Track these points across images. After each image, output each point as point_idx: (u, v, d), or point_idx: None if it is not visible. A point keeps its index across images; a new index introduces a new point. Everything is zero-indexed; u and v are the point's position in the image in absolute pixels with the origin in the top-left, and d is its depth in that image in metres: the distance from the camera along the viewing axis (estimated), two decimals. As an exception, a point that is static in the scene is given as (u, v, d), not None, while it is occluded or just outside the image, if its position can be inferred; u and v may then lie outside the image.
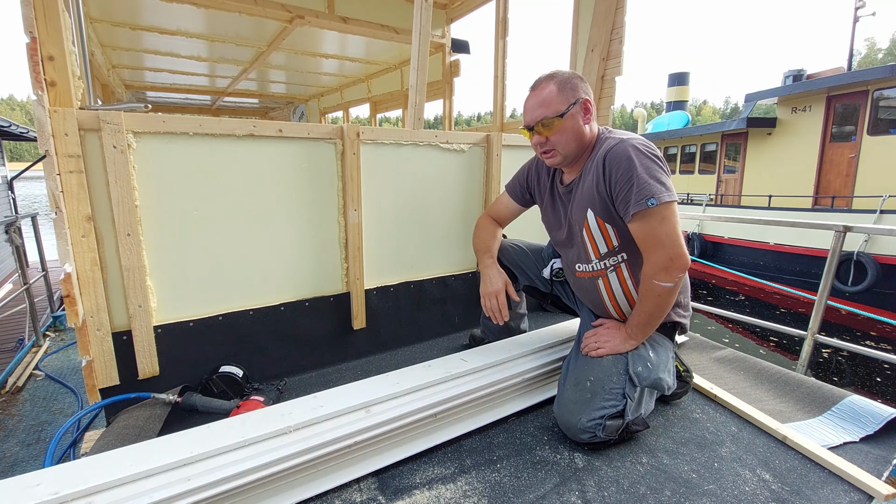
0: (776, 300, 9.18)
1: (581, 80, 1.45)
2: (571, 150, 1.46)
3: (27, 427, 2.78)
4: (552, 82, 1.43)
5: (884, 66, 8.64)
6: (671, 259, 1.30)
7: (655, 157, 1.32)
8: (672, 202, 1.29)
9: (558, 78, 1.43)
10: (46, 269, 4.79)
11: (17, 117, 52.21)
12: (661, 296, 1.35)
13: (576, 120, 1.43)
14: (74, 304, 1.42)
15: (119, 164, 1.46)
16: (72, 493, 0.98)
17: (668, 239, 1.29)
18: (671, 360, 1.52)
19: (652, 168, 1.30)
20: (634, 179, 1.29)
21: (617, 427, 1.37)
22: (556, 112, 1.41)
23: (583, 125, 1.44)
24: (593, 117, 1.47)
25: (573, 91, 1.42)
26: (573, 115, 1.42)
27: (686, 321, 1.57)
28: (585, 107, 1.43)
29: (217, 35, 3.76)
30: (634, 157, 1.31)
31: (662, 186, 1.28)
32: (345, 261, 2.03)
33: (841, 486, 1.25)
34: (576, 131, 1.44)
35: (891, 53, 41.25)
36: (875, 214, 7.59)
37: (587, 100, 1.43)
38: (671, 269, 1.31)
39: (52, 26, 1.31)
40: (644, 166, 1.30)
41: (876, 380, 6.03)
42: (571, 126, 1.43)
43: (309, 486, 1.22)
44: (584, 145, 1.47)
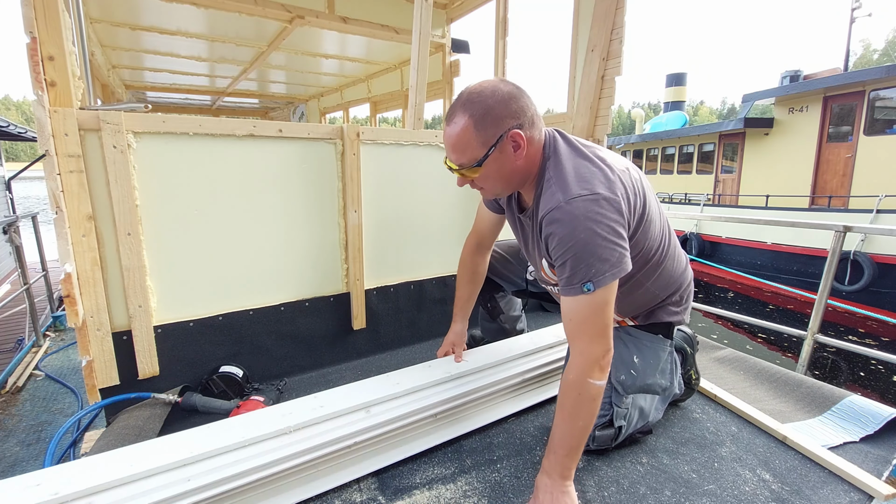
0: (767, 297, 9.22)
1: (509, 99, 1.11)
2: (505, 189, 1.25)
3: (27, 427, 2.77)
4: (466, 116, 1.11)
5: (880, 66, 8.68)
6: (606, 352, 1.09)
7: (600, 223, 1.05)
8: (611, 284, 1.07)
9: (476, 108, 1.10)
10: (46, 269, 4.78)
11: (13, 117, 52.07)
12: (595, 400, 1.10)
13: (503, 161, 1.15)
14: (74, 304, 1.42)
15: (119, 163, 1.46)
16: (72, 493, 0.98)
17: (606, 330, 1.09)
18: (666, 361, 1.43)
19: (593, 241, 1.05)
20: (569, 258, 1.07)
21: (609, 437, 1.35)
22: (472, 160, 1.14)
23: (516, 161, 1.16)
24: (529, 143, 1.16)
25: (495, 125, 1.10)
26: (499, 155, 1.13)
27: (680, 318, 1.46)
28: (515, 141, 1.13)
29: (217, 35, 3.76)
30: (573, 228, 1.05)
31: (604, 265, 1.05)
32: (345, 261, 2.03)
33: (841, 486, 1.26)
34: (506, 171, 1.17)
35: (886, 54, 41.37)
36: (871, 214, 7.62)
37: (516, 132, 1.11)
38: (603, 363, 1.09)
39: (52, 26, 1.31)
40: (583, 242, 1.05)
41: (872, 380, 6.06)
42: (497, 168, 1.16)
43: (309, 487, 1.22)
44: (524, 177, 1.22)
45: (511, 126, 1.12)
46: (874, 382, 6.01)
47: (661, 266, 1.35)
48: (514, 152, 1.14)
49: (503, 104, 1.11)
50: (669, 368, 1.45)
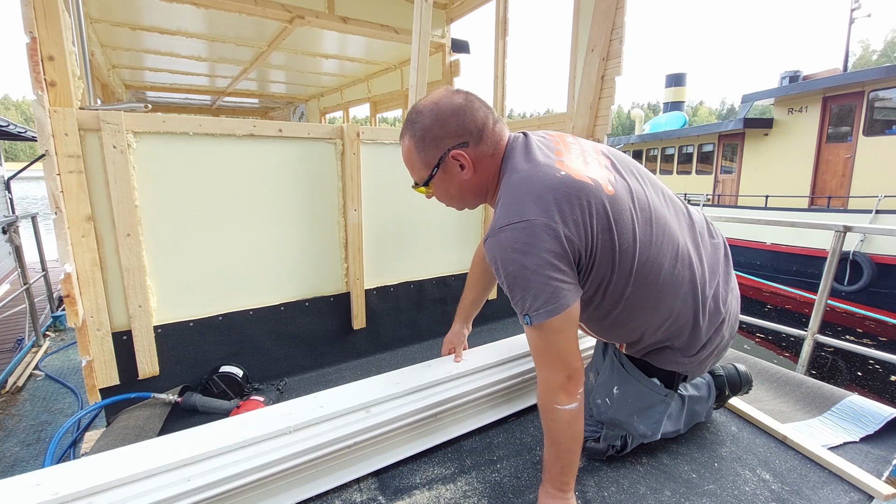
0: (766, 297, 9.24)
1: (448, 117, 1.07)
2: (463, 203, 1.23)
3: (27, 427, 2.77)
4: (408, 136, 1.12)
5: (879, 67, 8.69)
6: (569, 377, 1.02)
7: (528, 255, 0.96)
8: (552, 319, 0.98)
9: (417, 128, 1.09)
10: (46, 269, 4.77)
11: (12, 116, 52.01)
12: (570, 423, 1.04)
13: (449, 179, 1.13)
14: (74, 304, 1.42)
15: (119, 164, 1.46)
16: (72, 494, 0.98)
17: (562, 357, 1.02)
18: (653, 407, 1.27)
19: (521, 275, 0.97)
20: (506, 289, 1.02)
21: (601, 450, 1.34)
22: (420, 179, 1.16)
23: (464, 178, 1.12)
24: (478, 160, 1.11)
25: (435, 146, 1.08)
26: (444, 174, 1.12)
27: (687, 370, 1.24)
28: (459, 162, 1.10)
29: (217, 35, 3.76)
30: (502, 260, 0.99)
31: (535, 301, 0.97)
32: (345, 261, 2.03)
33: (841, 486, 1.26)
34: (455, 188, 1.16)
35: (885, 55, 41.41)
36: (871, 214, 7.63)
37: (457, 153, 1.08)
38: (569, 388, 1.03)
39: (52, 26, 1.31)
40: (512, 275, 0.99)
41: (870, 379, 6.07)
42: (447, 186, 1.15)
43: (309, 487, 1.22)
44: (480, 192, 1.18)
45: (451, 146, 1.08)
46: (872, 382, 6.02)
47: (651, 304, 1.13)
48: (461, 171, 1.11)
49: (441, 124, 1.07)
50: (656, 418, 1.27)
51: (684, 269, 1.12)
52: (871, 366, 6.32)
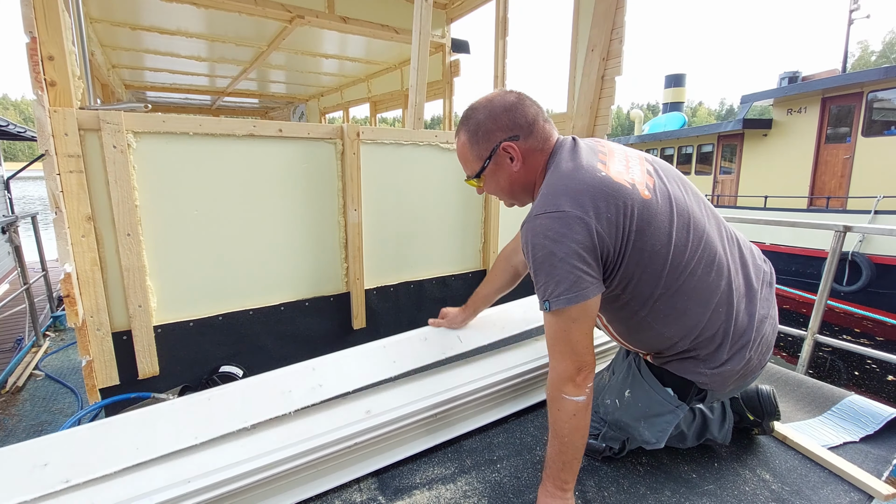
0: None
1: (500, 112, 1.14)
2: (513, 197, 1.27)
3: (27, 427, 2.77)
4: (463, 131, 1.20)
5: (878, 68, 8.70)
6: (580, 369, 1.04)
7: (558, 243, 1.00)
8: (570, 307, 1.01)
9: (471, 123, 1.17)
10: (46, 269, 4.77)
11: (11, 116, 51.97)
12: (576, 415, 1.05)
13: (500, 172, 1.19)
14: (74, 304, 1.42)
15: (119, 163, 1.46)
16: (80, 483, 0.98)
17: (575, 347, 1.05)
18: (662, 416, 1.25)
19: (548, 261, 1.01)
20: (532, 273, 1.07)
21: (598, 449, 1.34)
22: (472, 172, 1.22)
23: (514, 171, 1.18)
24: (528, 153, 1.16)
25: (487, 140, 1.15)
26: (495, 167, 1.18)
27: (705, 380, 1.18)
28: (509, 154, 1.15)
29: (217, 35, 3.76)
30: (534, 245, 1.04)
31: (557, 287, 1.01)
32: (345, 261, 2.03)
33: (841, 486, 1.26)
34: (505, 181, 1.21)
35: (884, 56, 41.47)
36: (870, 215, 7.64)
37: (508, 145, 1.14)
38: (578, 379, 1.04)
39: (52, 26, 1.31)
40: (540, 260, 1.03)
41: (867, 379, 6.08)
42: (497, 179, 1.21)
43: (309, 487, 1.22)
44: (528, 186, 1.22)
45: (502, 138, 1.14)
46: (869, 381, 6.03)
47: (675, 308, 1.12)
48: (511, 163, 1.17)
49: (494, 119, 1.14)
50: (662, 427, 1.25)
51: (720, 280, 1.13)
52: (868, 365, 6.34)
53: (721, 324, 1.14)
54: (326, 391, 1.32)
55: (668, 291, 1.10)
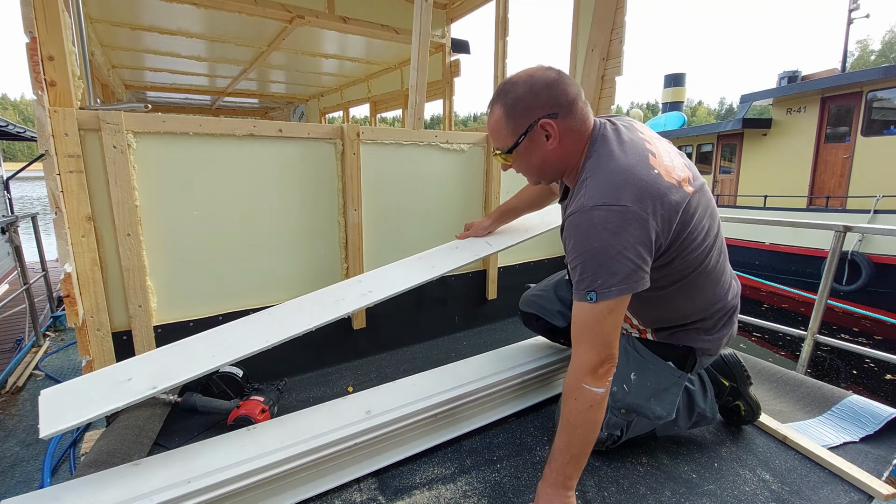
0: (763, 297, 9.25)
1: (542, 88, 1.11)
2: (542, 176, 1.26)
3: (27, 427, 2.77)
4: (499, 105, 1.16)
5: (877, 67, 8.70)
6: (603, 361, 1.06)
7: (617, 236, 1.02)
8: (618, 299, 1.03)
9: (508, 98, 1.14)
10: (46, 269, 4.77)
11: (10, 116, 51.85)
12: (594, 408, 1.06)
13: (534, 149, 1.17)
14: (74, 304, 1.42)
15: (119, 164, 1.46)
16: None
17: (606, 339, 1.07)
18: (668, 390, 1.31)
19: (605, 252, 1.02)
20: (579, 263, 1.06)
21: (601, 439, 1.35)
22: (505, 146, 1.19)
23: (549, 149, 1.16)
24: (565, 132, 1.14)
25: (525, 114, 1.13)
26: (529, 144, 1.16)
27: (709, 346, 1.30)
28: (546, 131, 1.13)
29: (217, 35, 3.75)
30: (588, 235, 1.04)
31: (611, 278, 1.02)
32: (345, 261, 2.03)
33: (841, 486, 1.26)
34: (538, 159, 1.19)
35: (883, 55, 41.45)
36: (869, 214, 7.64)
37: (547, 122, 1.12)
38: (601, 371, 1.06)
39: (52, 26, 1.31)
40: (594, 251, 1.03)
41: (865, 378, 6.09)
42: (530, 156, 1.19)
43: (309, 487, 1.22)
44: (560, 166, 1.21)
45: (541, 115, 1.12)
46: (867, 380, 6.04)
47: (697, 287, 1.22)
48: (546, 141, 1.15)
49: (534, 94, 1.11)
50: (671, 399, 1.31)
51: (726, 260, 1.28)
52: (866, 364, 6.35)
53: (724, 297, 1.27)
54: (375, 296, 1.46)
55: (695, 273, 1.18)
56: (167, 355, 1.27)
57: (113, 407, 1.09)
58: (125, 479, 1.08)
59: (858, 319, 7.53)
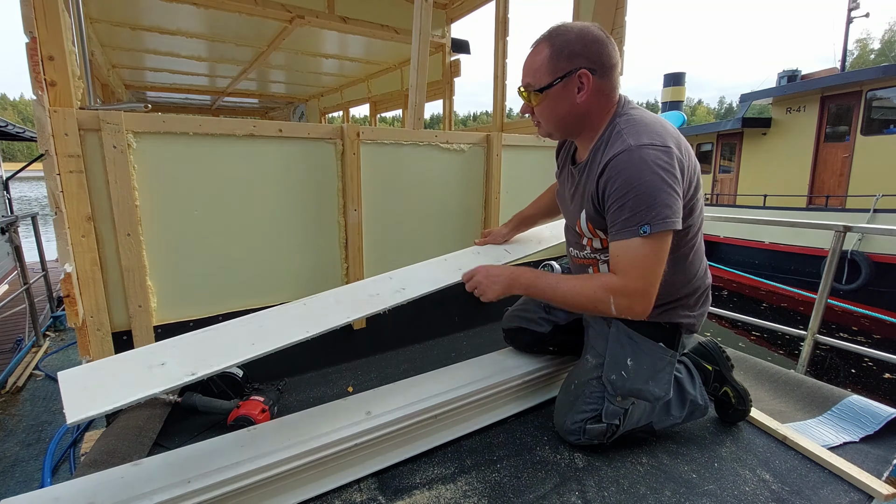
0: (762, 296, 9.26)
1: (592, 41, 1.16)
2: (556, 128, 1.29)
3: (27, 427, 2.77)
4: (546, 44, 1.19)
5: (877, 66, 8.71)
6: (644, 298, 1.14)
7: (667, 173, 1.10)
8: (667, 232, 1.10)
9: (558, 40, 1.18)
10: (46, 269, 4.77)
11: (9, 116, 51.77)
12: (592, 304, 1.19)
13: (564, 96, 1.20)
14: (74, 304, 1.42)
15: (119, 164, 1.46)
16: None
17: (655, 274, 1.13)
18: (663, 370, 1.37)
19: (658, 186, 1.09)
20: (631, 199, 1.10)
21: (600, 431, 1.36)
22: (538, 84, 1.21)
23: (577, 101, 1.20)
24: (597, 91, 1.20)
25: (569, 60, 1.16)
26: (562, 89, 1.19)
27: (693, 321, 1.39)
28: (581, 81, 1.18)
29: (217, 35, 3.75)
30: (640, 171, 1.10)
31: (665, 209, 1.09)
32: (345, 261, 2.03)
33: (841, 486, 1.26)
34: (562, 109, 1.22)
35: (883, 54, 41.41)
36: (869, 214, 7.64)
37: (585, 72, 1.16)
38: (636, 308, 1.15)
39: (52, 26, 1.31)
40: (648, 184, 1.09)
41: (863, 376, 6.10)
42: (557, 102, 1.21)
43: (309, 488, 1.22)
44: (580, 124, 1.26)
45: (583, 65, 1.16)
46: (865, 379, 6.05)
47: (687, 259, 1.32)
48: (577, 93, 1.19)
49: (583, 44, 1.16)
50: (667, 379, 1.37)
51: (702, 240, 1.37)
52: (865, 363, 6.36)
53: (703, 276, 1.39)
54: (409, 293, 1.48)
55: (690, 242, 1.29)
56: (202, 340, 1.25)
57: (149, 392, 1.04)
58: (125, 479, 1.08)
59: (858, 318, 7.53)
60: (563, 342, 1.67)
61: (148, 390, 1.04)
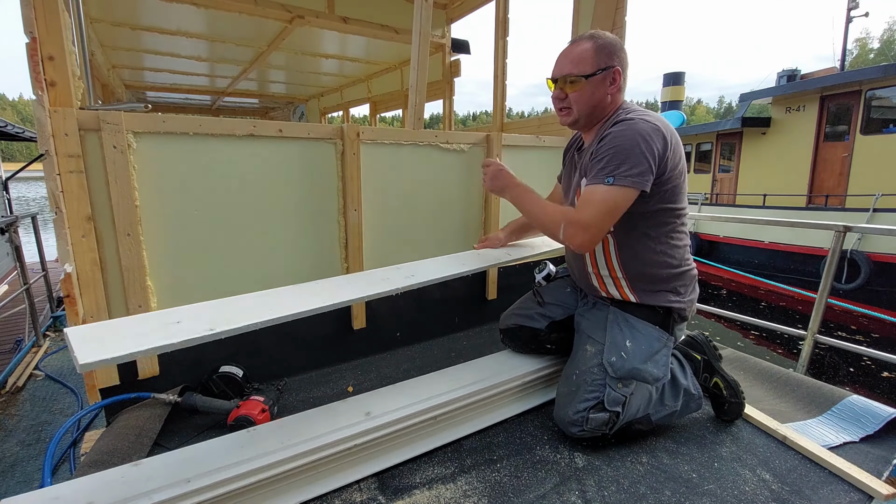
0: (761, 295, 9.26)
1: (621, 49, 1.43)
2: (585, 114, 1.45)
3: (27, 427, 2.77)
4: (590, 42, 1.41)
5: (876, 66, 8.71)
6: (588, 232, 1.32)
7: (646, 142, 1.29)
8: (628, 188, 1.28)
9: (598, 40, 1.41)
10: (46, 270, 4.77)
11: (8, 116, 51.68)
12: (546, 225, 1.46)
13: (600, 87, 1.41)
14: (74, 304, 1.42)
15: (119, 164, 1.46)
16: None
17: (603, 218, 1.31)
18: (660, 352, 1.45)
19: (632, 149, 1.28)
20: (608, 154, 1.31)
21: (603, 420, 1.37)
22: (582, 72, 1.40)
23: (606, 94, 1.42)
24: (619, 89, 1.44)
25: (608, 57, 1.39)
26: (599, 80, 1.40)
27: (683, 307, 1.49)
28: (614, 77, 1.41)
29: (217, 35, 3.75)
30: (623, 133, 1.31)
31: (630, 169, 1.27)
32: (345, 261, 2.03)
33: (841, 486, 1.26)
34: (596, 97, 1.42)
35: (882, 54, 41.39)
36: (868, 213, 7.65)
37: (618, 70, 1.41)
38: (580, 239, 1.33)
39: (52, 26, 1.30)
40: (625, 145, 1.29)
41: (861, 375, 6.11)
42: (593, 91, 1.41)
43: (309, 488, 1.22)
44: (601, 113, 1.46)
45: (616, 65, 1.41)
46: (863, 378, 6.06)
47: (675, 239, 1.46)
48: (609, 86, 1.42)
49: (617, 48, 1.42)
50: (664, 361, 1.46)
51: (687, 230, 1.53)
52: (863, 362, 6.37)
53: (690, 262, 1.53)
54: (418, 279, 1.55)
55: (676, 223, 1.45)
56: (217, 305, 1.28)
57: (167, 343, 1.01)
58: (125, 479, 1.08)
59: (856, 317, 7.54)
60: (561, 339, 1.69)
61: (166, 340, 1.02)
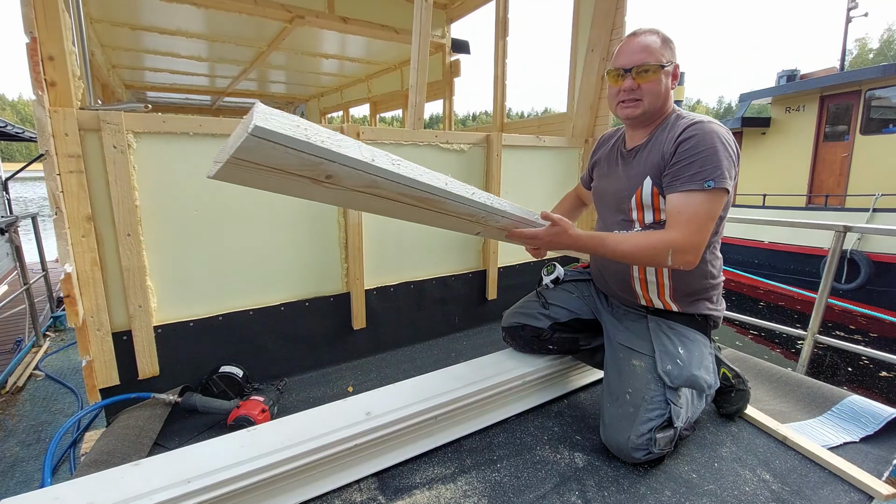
0: (760, 295, 9.26)
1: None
2: (653, 107, 1.42)
3: (27, 427, 2.77)
4: (657, 34, 1.40)
5: (876, 66, 8.70)
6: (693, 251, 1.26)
7: (731, 146, 1.29)
8: (724, 191, 1.26)
9: (661, 34, 1.40)
10: (46, 270, 4.76)
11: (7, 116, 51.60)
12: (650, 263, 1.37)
13: (665, 78, 1.40)
14: (74, 304, 1.42)
15: (119, 164, 1.46)
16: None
17: (706, 231, 1.27)
18: (707, 357, 1.44)
19: (723, 153, 1.26)
20: (700, 157, 1.27)
21: (670, 438, 1.31)
22: (658, 62, 1.36)
23: (667, 87, 1.41)
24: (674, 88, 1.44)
25: (672, 53, 1.40)
26: (668, 73, 1.40)
27: (717, 314, 1.50)
28: (676, 72, 1.42)
29: (217, 35, 3.75)
30: (711, 137, 1.28)
31: (726, 171, 1.25)
32: (345, 261, 2.03)
33: (841, 486, 1.26)
34: (665, 90, 1.41)
35: (882, 53, 41.38)
36: (868, 213, 7.64)
37: (678, 66, 1.41)
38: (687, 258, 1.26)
39: (52, 26, 1.31)
40: (715, 149, 1.26)
41: (860, 375, 6.11)
42: (664, 83, 1.40)
43: (309, 488, 1.22)
44: (663, 108, 1.44)
45: (676, 61, 1.41)
46: (862, 377, 6.06)
47: (716, 245, 1.46)
48: (670, 81, 1.42)
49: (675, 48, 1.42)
50: (712, 367, 1.45)
51: None
52: (862, 361, 6.37)
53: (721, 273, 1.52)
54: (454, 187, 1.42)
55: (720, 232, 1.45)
56: None
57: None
58: (125, 479, 1.08)
59: (855, 317, 7.54)
60: (562, 340, 1.68)
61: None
